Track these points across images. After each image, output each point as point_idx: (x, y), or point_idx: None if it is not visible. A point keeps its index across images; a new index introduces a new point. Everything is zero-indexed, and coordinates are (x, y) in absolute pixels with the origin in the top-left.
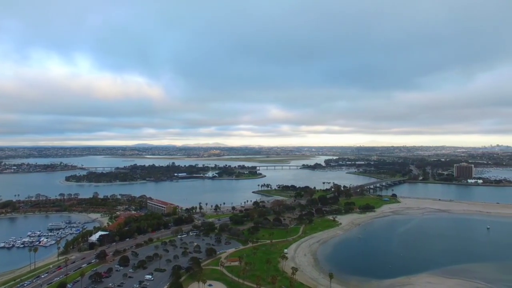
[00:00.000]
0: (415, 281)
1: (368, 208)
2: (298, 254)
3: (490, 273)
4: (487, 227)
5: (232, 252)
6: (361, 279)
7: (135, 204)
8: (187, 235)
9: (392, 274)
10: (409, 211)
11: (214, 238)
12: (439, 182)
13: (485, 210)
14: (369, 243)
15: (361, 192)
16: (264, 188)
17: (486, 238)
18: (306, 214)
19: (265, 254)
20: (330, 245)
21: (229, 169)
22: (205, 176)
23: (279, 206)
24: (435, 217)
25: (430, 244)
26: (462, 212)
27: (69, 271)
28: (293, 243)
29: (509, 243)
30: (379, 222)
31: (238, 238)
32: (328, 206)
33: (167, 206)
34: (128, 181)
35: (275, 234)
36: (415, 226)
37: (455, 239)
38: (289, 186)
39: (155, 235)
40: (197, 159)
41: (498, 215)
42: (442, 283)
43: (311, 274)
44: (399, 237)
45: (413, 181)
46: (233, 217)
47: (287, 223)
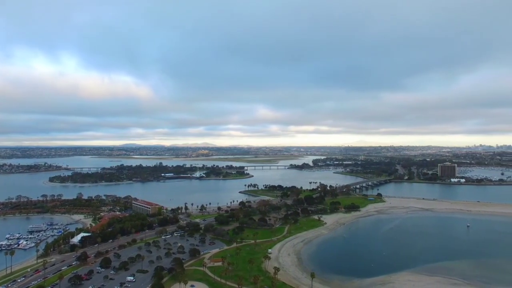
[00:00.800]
0: (396, 279)
1: (353, 208)
2: (282, 254)
3: (467, 269)
4: (467, 225)
5: (216, 253)
6: (344, 278)
7: (120, 205)
8: (172, 235)
9: (374, 272)
10: (394, 210)
11: (198, 239)
12: (423, 182)
13: (466, 209)
14: (353, 242)
15: (347, 192)
16: (251, 188)
17: (466, 236)
18: (292, 214)
19: (249, 254)
20: (314, 245)
21: (217, 169)
22: (192, 176)
23: (265, 206)
24: (419, 216)
25: (412, 243)
26: (445, 210)
27: (48, 274)
28: (277, 243)
29: (487, 240)
30: (363, 221)
31: (223, 239)
32: (314, 206)
33: (152, 206)
34: (114, 182)
35: (260, 234)
36: (399, 225)
37: (436, 237)
38: (276, 186)
39: (139, 236)
40: (185, 159)
41: (478, 213)
42: (422, 280)
43: (294, 274)
44: (383, 236)
45: (399, 180)
46: (218, 217)
47: (272, 223)
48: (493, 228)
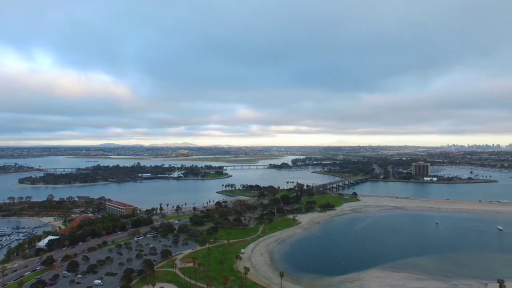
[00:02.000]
0: (365, 277)
1: (328, 207)
2: (255, 254)
3: (432, 265)
4: (436, 222)
5: (189, 253)
6: (314, 277)
7: (93, 206)
8: (145, 237)
9: (344, 270)
10: (368, 208)
11: (171, 240)
12: (398, 180)
13: (436, 206)
14: (326, 241)
15: (323, 191)
16: (228, 188)
17: (434, 232)
18: (267, 213)
19: (222, 255)
20: (288, 244)
21: (195, 169)
22: (170, 177)
23: (240, 206)
24: (391, 214)
25: (383, 240)
26: (416, 208)
27: (8, 280)
28: (251, 242)
29: (453, 236)
30: (338, 220)
31: (196, 239)
32: (290, 206)
33: (125, 207)
34: (89, 183)
35: (235, 234)
36: (372, 223)
37: (406, 234)
38: (253, 186)
39: (111, 238)
40: (164, 159)
41: (446, 210)
42: (390, 277)
43: (265, 274)
44: (355, 234)
45: (375, 179)
46: (193, 217)
47: (247, 223)
48: (459, 224)
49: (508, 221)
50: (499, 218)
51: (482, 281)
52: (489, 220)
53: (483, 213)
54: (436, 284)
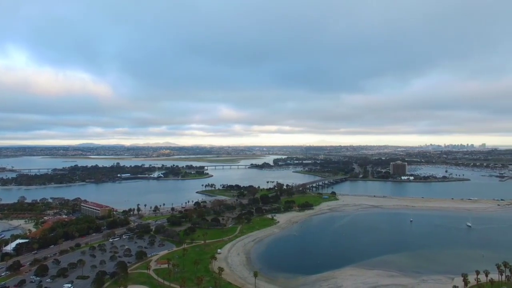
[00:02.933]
0: (339, 275)
1: (307, 206)
2: (232, 254)
3: (405, 262)
4: (410, 220)
5: (164, 254)
6: (289, 276)
7: (67, 207)
8: (120, 238)
9: (319, 269)
10: (345, 207)
11: (147, 241)
12: (377, 180)
13: (411, 205)
14: (303, 240)
15: (303, 191)
16: (208, 188)
17: (408, 230)
18: (245, 213)
19: (198, 255)
20: (265, 244)
21: (176, 169)
22: (150, 177)
23: (219, 206)
24: (368, 213)
25: (359, 239)
26: (392, 207)
27: None
28: (228, 242)
29: (425, 233)
30: (316, 219)
31: (173, 240)
32: (269, 205)
33: (101, 208)
34: (65, 184)
35: (212, 234)
36: (349, 222)
37: (382, 232)
38: (233, 186)
39: (85, 240)
40: (145, 159)
41: (421, 208)
42: (363, 274)
43: (241, 274)
44: (332, 233)
45: (354, 179)
46: (171, 218)
47: (225, 223)
48: (432, 221)
49: (476, 218)
50: (469, 215)
51: (449, 276)
52: (459, 217)
53: (455, 210)
54: (407, 280)
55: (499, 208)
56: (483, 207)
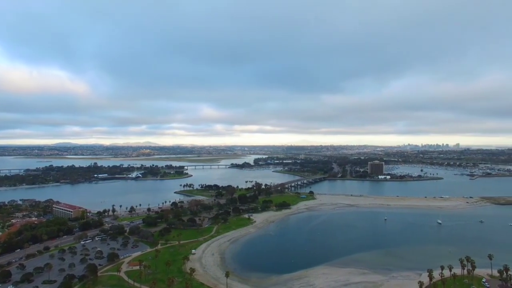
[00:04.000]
0: (312, 274)
1: (284, 206)
2: (206, 254)
3: (376, 259)
4: (385, 218)
5: (137, 256)
6: (262, 275)
7: (38, 209)
8: (92, 240)
9: (293, 268)
10: (322, 207)
11: (121, 242)
12: (355, 179)
13: (386, 203)
14: (278, 240)
15: (281, 190)
16: (187, 188)
17: (382, 228)
18: (222, 213)
19: (172, 256)
20: (240, 244)
21: (155, 169)
22: (128, 177)
23: (196, 206)
24: (344, 212)
25: (333, 237)
26: (368, 205)
27: None
28: (203, 243)
29: (398, 231)
30: (293, 218)
31: (147, 241)
32: (247, 205)
33: (74, 210)
34: (37, 185)
35: (188, 234)
36: (325, 220)
37: (356, 231)
38: (212, 186)
39: (54, 242)
40: (125, 159)
41: (395, 206)
42: (335, 273)
43: (214, 274)
44: (308, 232)
45: (333, 178)
46: (146, 218)
47: (201, 223)
48: (405, 219)
49: (446, 215)
50: (440, 213)
51: (418, 272)
52: (431, 214)
53: (427, 208)
54: (377, 277)
55: (467, 205)
56: (453, 204)
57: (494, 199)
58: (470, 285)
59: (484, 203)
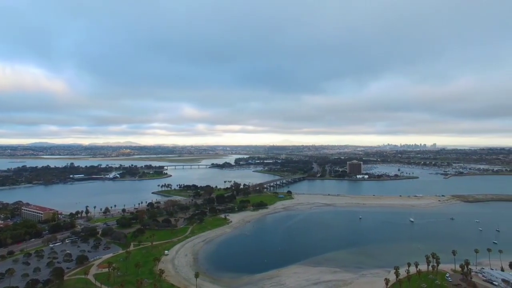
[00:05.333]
0: (284, 273)
1: (262, 205)
2: (179, 255)
3: (348, 258)
4: (360, 217)
5: (108, 258)
6: (234, 276)
7: (6, 212)
8: (62, 243)
9: (265, 268)
10: (299, 206)
11: (92, 244)
12: (334, 178)
13: (362, 202)
14: (253, 240)
15: (259, 190)
16: (165, 189)
17: (357, 227)
18: (198, 213)
19: (144, 257)
20: (215, 244)
21: (134, 169)
22: (105, 177)
23: (172, 207)
24: (321, 211)
25: (308, 237)
26: (344, 205)
27: None
28: (177, 243)
29: (372, 229)
30: (269, 218)
31: (120, 242)
32: (224, 205)
33: (45, 212)
34: (8, 186)
35: (162, 235)
36: (301, 220)
37: (331, 230)
38: (190, 186)
39: (20, 246)
40: (103, 159)
41: (371, 205)
42: (307, 272)
43: (186, 275)
44: (283, 232)
45: (312, 178)
46: (120, 219)
47: (176, 223)
48: (379, 218)
49: (419, 213)
50: (412, 211)
51: (387, 269)
52: (404, 213)
53: (401, 207)
54: (348, 275)
55: (439, 203)
56: (426, 203)
57: (464, 197)
58: (434, 281)
59: (455, 201)
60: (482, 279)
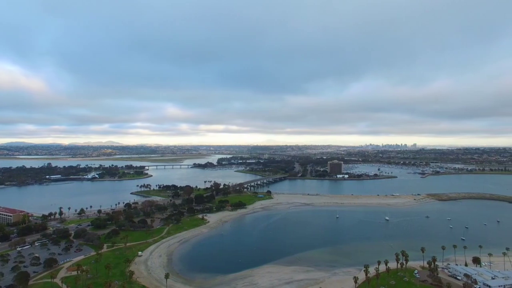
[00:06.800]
0: (257, 273)
1: (240, 205)
2: (153, 256)
3: (322, 257)
4: (337, 216)
5: (79, 260)
6: (208, 276)
7: None
8: (31, 246)
9: (239, 268)
10: (278, 206)
11: (63, 246)
12: (315, 178)
13: (340, 202)
14: (229, 240)
15: (239, 190)
16: (144, 189)
17: (334, 226)
18: (176, 213)
19: (116, 259)
20: (191, 244)
21: (114, 169)
22: (84, 178)
23: (150, 207)
24: (299, 210)
25: (284, 236)
26: (323, 204)
27: None
28: (152, 244)
29: (348, 228)
30: (247, 218)
31: (93, 244)
32: (203, 205)
33: (14, 214)
34: None
35: (138, 236)
36: (279, 220)
37: (308, 229)
38: (170, 186)
39: None
40: (84, 159)
41: (348, 205)
42: (280, 271)
43: (158, 276)
44: (260, 232)
45: (293, 177)
46: (95, 221)
47: (153, 224)
48: (356, 217)
49: (394, 212)
50: (388, 210)
51: (359, 268)
52: (380, 211)
53: (377, 205)
54: (320, 274)
55: (415, 202)
56: (402, 201)
57: (438, 196)
58: (403, 277)
59: (430, 200)
60: (448, 275)
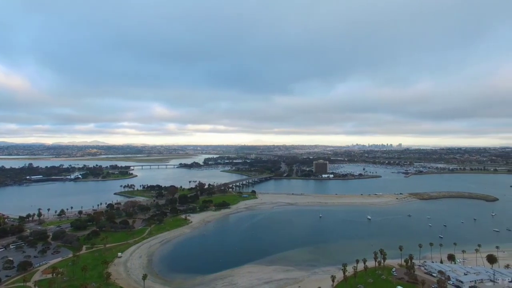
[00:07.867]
0: (237, 273)
1: (224, 205)
2: (134, 257)
3: (303, 256)
4: (320, 216)
5: (56, 263)
6: (187, 276)
7: None
8: (5, 248)
9: (219, 268)
10: (262, 206)
11: (40, 249)
12: (300, 178)
13: (324, 201)
14: (211, 240)
15: (224, 190)
16: (128, 189)
17: (316, 225)
18: (158, 214)
19: (95, 260)
20: (172, 245)
21: (98, 170)
22: (66, 178)
23: (132, 207)
24: (283, 210)
25: (267, 236)
26: (307, 204)
27: None
28: (133, 245)
29: (331, 228)
30: (231, 218)
31: (71, 246)
32: (187, 205)
33: None
34: None
35: (119, 237)
36: (262, 219)
37: (291, 229)
38: (154, 186)
39: None
40: (67, 159)
41: (332, 204)
42: (261, 271)
43: (137, 277)
44: (243, 232)
45: (279, 177)
46: (75, 222)
47: (135, 224)
48: (338, 216)
49: (376, 211)
50: (370, 209)
51: (338, 267)
52: (363, 211)
53: (361, 205)
54: (300, 273)
55: (397, 201)
56: (384, 201)
57: (419, 195)
58: (381, 276)
59: (411, 199)
60: (424, 272)
